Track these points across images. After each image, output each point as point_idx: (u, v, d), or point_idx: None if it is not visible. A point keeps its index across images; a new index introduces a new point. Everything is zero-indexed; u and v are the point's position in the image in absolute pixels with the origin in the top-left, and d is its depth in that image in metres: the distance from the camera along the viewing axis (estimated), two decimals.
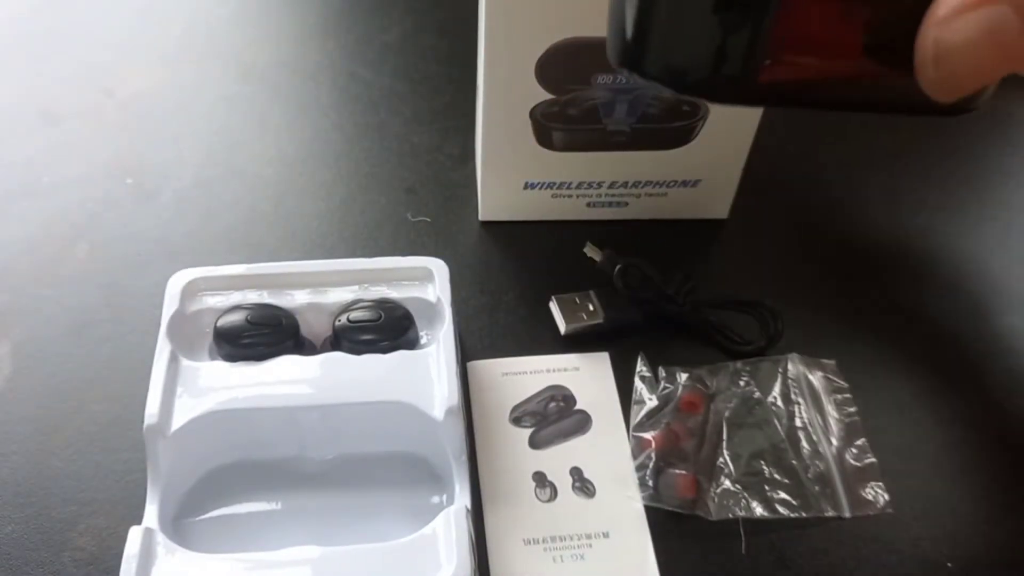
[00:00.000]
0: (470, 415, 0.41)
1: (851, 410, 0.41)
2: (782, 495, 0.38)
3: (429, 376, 0.37)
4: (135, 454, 0.38)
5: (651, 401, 0.41)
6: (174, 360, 0.37)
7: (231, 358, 0.38)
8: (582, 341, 0.44)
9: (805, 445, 0.40)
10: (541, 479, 0.39)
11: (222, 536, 0.36)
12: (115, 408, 0.41)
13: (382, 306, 0.39)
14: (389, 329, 0.39)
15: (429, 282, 0.41)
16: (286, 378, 0.37)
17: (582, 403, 0.42)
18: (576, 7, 0.39)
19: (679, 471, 0.39)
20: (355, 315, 0.39)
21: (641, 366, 0.42)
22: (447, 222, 0.49)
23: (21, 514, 0.38)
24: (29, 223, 0.49)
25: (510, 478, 0.39)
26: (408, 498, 0.37)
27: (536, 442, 0.40)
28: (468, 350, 0.44)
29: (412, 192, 0.51)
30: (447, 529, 0.33)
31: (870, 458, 0.40)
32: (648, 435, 0.40)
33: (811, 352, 0.43)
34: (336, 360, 0.38)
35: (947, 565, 0.37)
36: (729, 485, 0.38)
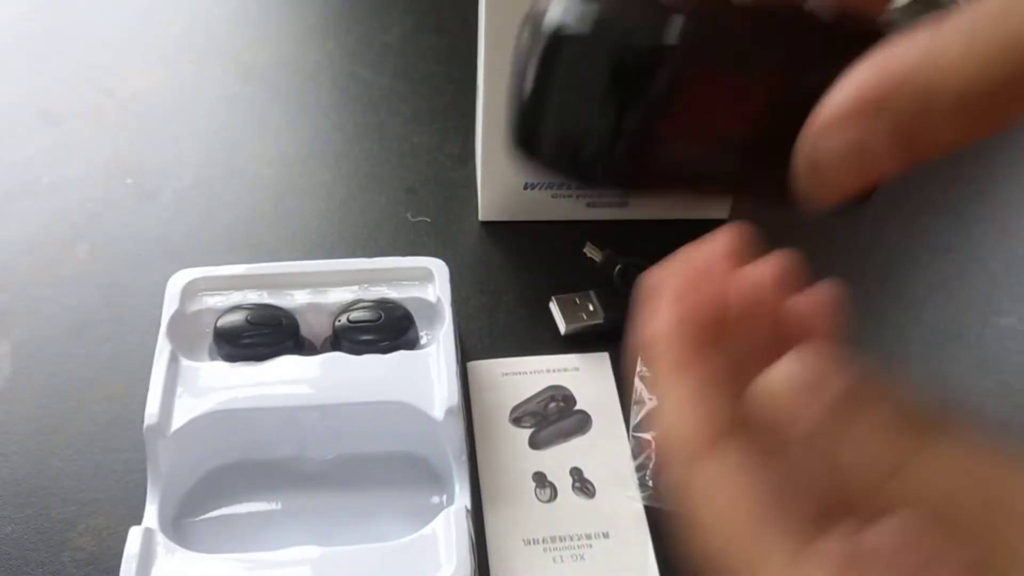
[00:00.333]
0: (470, 415, 0.41)
1: None
2: None
3: (429, 376, 0.37)
4: (135, 454, 0.38)
5: (651, 401, 0.41)
6: (174, 360, 0.37)
7: (231, 358, 0.38)
8: (582, 341, 0.44)
9: None
10: (541, 479, 0.39)
11: (222, 536, 0.36)
12: (115, 408, 0.41)
13: (382, 306, 0.39)
14: (389, 329, 0.39)
15: (429, 282, 0.41)
16: (286, 378, 0.37)
17: (582, 403, 0.42)
18: None
19: None
20: (355, 315, 0.39)
21: (641, 366, 0.42)
22: (447, 222, 0.49)
23: (21, 514, 0.38)
24: (29, 223, 0.49)
25: (510, 478, 0.39)
26: (408, 498, 0.37)
27: (536, 442, 0.40)
28: (468, 350, 0.44)
29: (412, 192, 0.51)
30: (447, 529, 0.33)
31: None
32: (648, 435, 0.40)
33: None
34: (336, 360, 0.38)
35: None
36: None
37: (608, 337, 0.44)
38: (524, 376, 0.43)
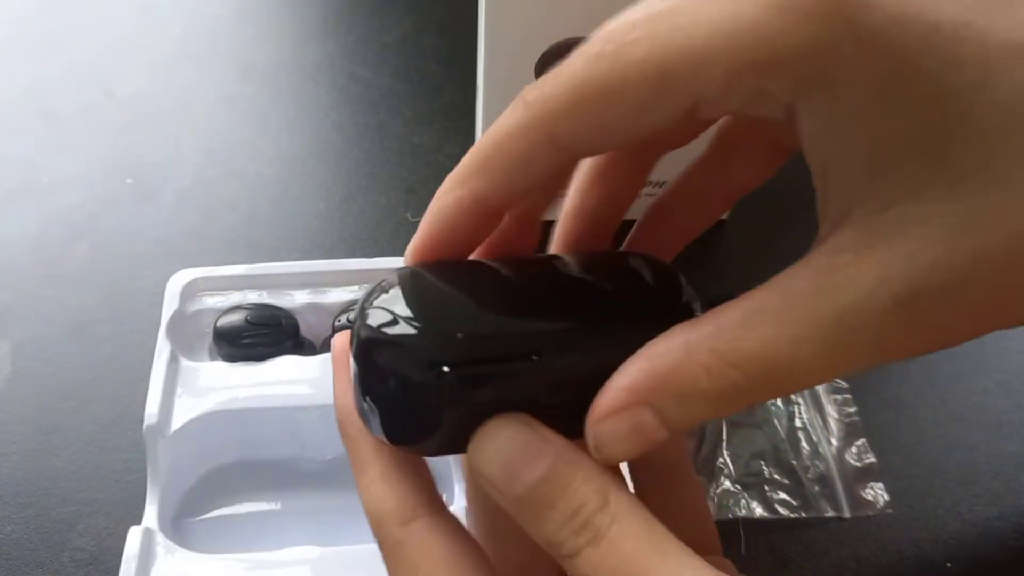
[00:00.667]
0: None
1: (851, 410, 0.41)
2: (782, 495, 0.38)
3: None
4: (135, 454, 0.38)
5: None
6: (174, 360, 0.37)
7: (231, 358, 0.38)
8: None
9: (805, 445, 0.40)
10: None
11: (222, 536, 0.36)
12: (115, 408, 0.41)
13: None
14: None
15: None
16: (286, 378, 0.37)
17: None
18: (576, 7, 0.39)
19: None
20: (355, 315, 0.39)
21: None
22: None
23: (21, 514, 0.38)
24: (29, 223, 0.49)
25: None
26: None
27: None
28: None
29: (412, 192, 0.51)
30: None
31: (870, 458, 0.40)
32: None
33: None
34: None
35: (947, 566, 0.37)
36: (729, 485, 0.38)
37: None
38: None
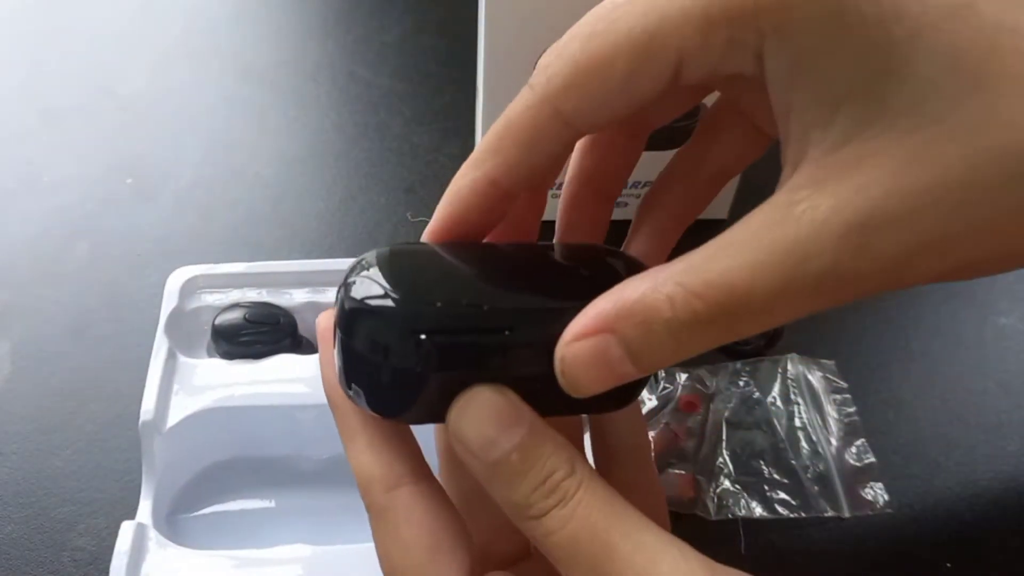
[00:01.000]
0: None
1: (851, 410, 0.41)
2: (781, 495, 0.38)
3: None
4: (135, 453, 0.38)
5: (650, 401, 0.41)
6: (171, 357, 0.37)
7: (229, 356, 0.38)
8: None
9: (804, 445, 0.40)
10: None
11: (216, 532, 0.36)
12: (115, 408, 0.41)
13: None
14: None
15: None
16: (283, 376, 0.37)
17: None
18: (576, 7, 0.39)
19: (678, 471, 0.39)
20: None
21: None
22: None
23: (21, 514, 0.38)
24: (29, 223, 0.49)
25: None
26: None
27: None
28: None
29: (412, 192, 0.51)
30: None
31: (870, 458, 0.40)
32: (650, 434, 0.40)
33: (811, 352, 0.43)
34: None
35: (946, 566, 0.37)
36: (728, 485, 0.38)
37: None
38: None
